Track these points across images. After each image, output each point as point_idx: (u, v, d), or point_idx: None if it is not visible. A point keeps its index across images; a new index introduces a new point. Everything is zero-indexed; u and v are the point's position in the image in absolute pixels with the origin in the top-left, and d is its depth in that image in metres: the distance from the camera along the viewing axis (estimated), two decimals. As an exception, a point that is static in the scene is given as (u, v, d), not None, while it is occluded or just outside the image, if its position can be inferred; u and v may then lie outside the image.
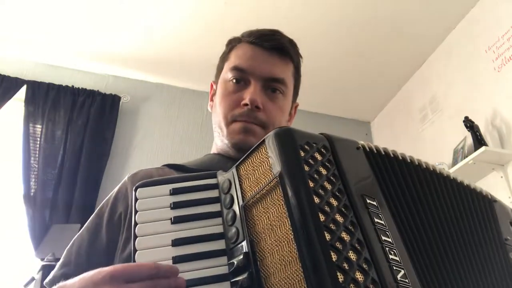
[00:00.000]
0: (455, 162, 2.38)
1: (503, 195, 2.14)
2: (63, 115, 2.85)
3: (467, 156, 2.22)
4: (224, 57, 0.91)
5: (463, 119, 2.31)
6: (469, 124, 2.28)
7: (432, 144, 2.82)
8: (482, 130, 2.29)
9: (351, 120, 3.64)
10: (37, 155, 2.72)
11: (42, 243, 2.45)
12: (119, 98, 3.05)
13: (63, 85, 2.94)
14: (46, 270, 2.04)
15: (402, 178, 0.57)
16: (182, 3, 2.61)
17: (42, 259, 2.26)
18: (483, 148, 2.10)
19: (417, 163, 0.61)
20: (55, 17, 2.70)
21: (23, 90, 2.84)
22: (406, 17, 2.69)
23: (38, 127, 2.80)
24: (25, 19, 2.72)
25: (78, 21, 2.74)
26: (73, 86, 2.95)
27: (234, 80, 0.83)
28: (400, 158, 0.59)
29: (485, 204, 0.69)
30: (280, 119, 0.84)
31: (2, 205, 2.66)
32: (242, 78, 0.83)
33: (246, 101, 0.79)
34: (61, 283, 0.56)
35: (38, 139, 2.77)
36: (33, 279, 2.09)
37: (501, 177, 2.18)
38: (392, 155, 0.59)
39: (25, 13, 2.67)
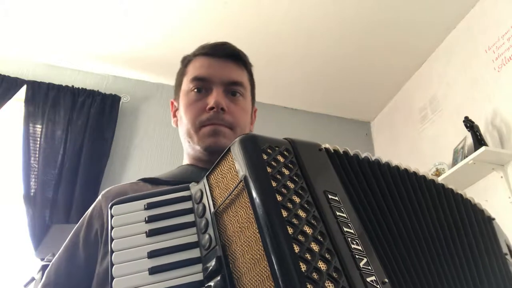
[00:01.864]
0: (455, 162, 2.38)
1: (503, 195, 2.14)
2: (63, 115, 2.85)
3: (467, 156, 2.22)
4: (181, 73, 0.94)
5: (463, 119, 2.31)
6: (469, 124, 2.28)
7: (432, 144, 2.82)
8: (482, 130, 2.29)
9: (351, 120, 3.64)
10: (37, 155, 2.72)
11: (42, 243, 2.45)
12: (119, 98, 3.05)
13: (63, 85, 2.94)
14: (46, 270, 2.04)
15: (363, 175, 0.60)
16: (182, 3, 2.61)
17: (42, 259, 2.26)
18: (483, 148, 2.10)
19: (372, 159, 0.63)
20: (55, 17, 2.70)
21: (23, 90, 2.84)
22: (406, 17, 2.69)
23: (38, 127, 2.80)
24: (25, 19, 2.72)
25: (78, 21, 2.74)
26: (73, 86, 2.95)
27: (196, 90, 0.87)
28: (361, 157, 0.62)
29: (478, 214, 0.71)
30: (244, 120, 0.89)
31: (2, 205, 2.66)
32: (203, 86, 0.87)
33: (212, 104, 0.83)
34: None
35: (38, 139, 2.77)
36: (33, 279, 2.09)
37: (501, 177, 2.18)
38: (352, 155, 0.62)
39: (25, 13, 2.68)
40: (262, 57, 2.92)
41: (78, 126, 2.84)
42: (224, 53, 0.90)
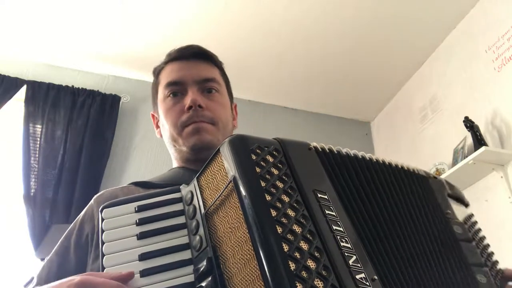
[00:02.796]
0: (455, 162, 2.38)
1: (503, 195, 2.14)
2: (63, 115, 2.85)
3: (467, 156, 2.22)
4: (155, 83, 0.96)
5: (463, 119, 2.31)
6: (469, 124, 2.28)
7: (432, 144, 2.82)
8: (482, 130, 2.29)
9: (351, 120, 3.64)
10: (37, 155, 2.71)
11: (42, 243, 2.45)
12: (119, 98, 3.05)
13: (63, 85, 2.94)
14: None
15: (351, 173, 0.60)
16: (182, 3, 2.61)
17: (42, 259, 2.26)
18: (483, 148, 2.10)
19: (368, 158, 0.64)
20: (55, 17, 2.70)
21: (23, 90, 2.84)
22: (406, 17, 2.69)
23: (38, 127, 2.79)
24: (25, 19, 2.72)
25: (78, 21, 2.74)
26: (73, 86, 2.95)
27: (171, 94, 0.89)
28: (346, 154, 0.63)
29: (419, 182, 0.70)
30: (225, 115, 0.90)
31: (2, 205, 2.66)
32: (178, 90, 0.88)
33: (189, 104, 0.84)
34: None
35: (38, 139, 2.76)
36: (33, 279, 2.09)
37: (501, 177, 2.18)
38: (340, 153, 0.62)
39: (25, 13, 2.67)
40: (262, 57, 2.92)
41: (78, 126, 2.84)
42: (191, 53, 0.91)
